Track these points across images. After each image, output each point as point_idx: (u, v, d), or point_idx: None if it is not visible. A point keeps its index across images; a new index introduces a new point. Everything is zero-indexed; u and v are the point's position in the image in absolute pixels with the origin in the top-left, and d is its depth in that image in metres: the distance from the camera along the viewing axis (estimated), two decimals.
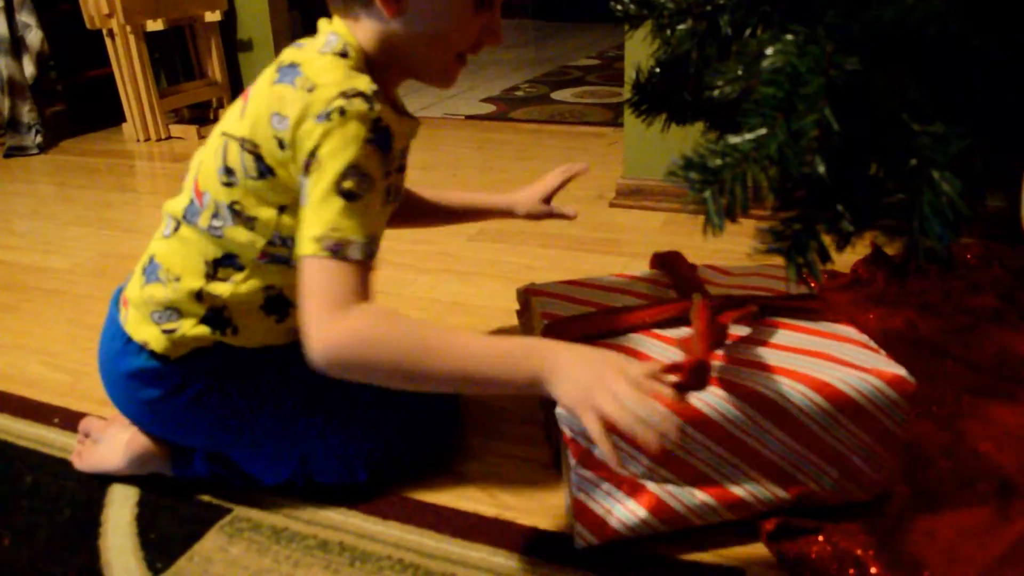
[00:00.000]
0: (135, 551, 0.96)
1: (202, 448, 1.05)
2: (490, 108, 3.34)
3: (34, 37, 2.94)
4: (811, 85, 0.69)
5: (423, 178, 1.54)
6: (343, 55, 0.87)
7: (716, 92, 0.85)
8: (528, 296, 1.15)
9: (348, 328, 0.78)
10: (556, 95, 3.52)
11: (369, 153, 0.82)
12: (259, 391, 1.02)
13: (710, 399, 0.89)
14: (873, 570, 0.85)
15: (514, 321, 1.29)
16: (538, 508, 1.01)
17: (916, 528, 0.90)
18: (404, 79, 0.97)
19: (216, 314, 0.96)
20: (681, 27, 1.08)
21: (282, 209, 0.90)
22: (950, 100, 0.70)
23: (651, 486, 0.91)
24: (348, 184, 0.81)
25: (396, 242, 1.79)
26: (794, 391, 0.89)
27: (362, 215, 0.81)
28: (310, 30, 0.94)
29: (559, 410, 0.89)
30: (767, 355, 0.95)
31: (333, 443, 1.03)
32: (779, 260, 0.85)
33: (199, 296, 0.95)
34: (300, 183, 0.85)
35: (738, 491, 0.92)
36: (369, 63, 0.89)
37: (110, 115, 3.16)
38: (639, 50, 2.13)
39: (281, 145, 0.85)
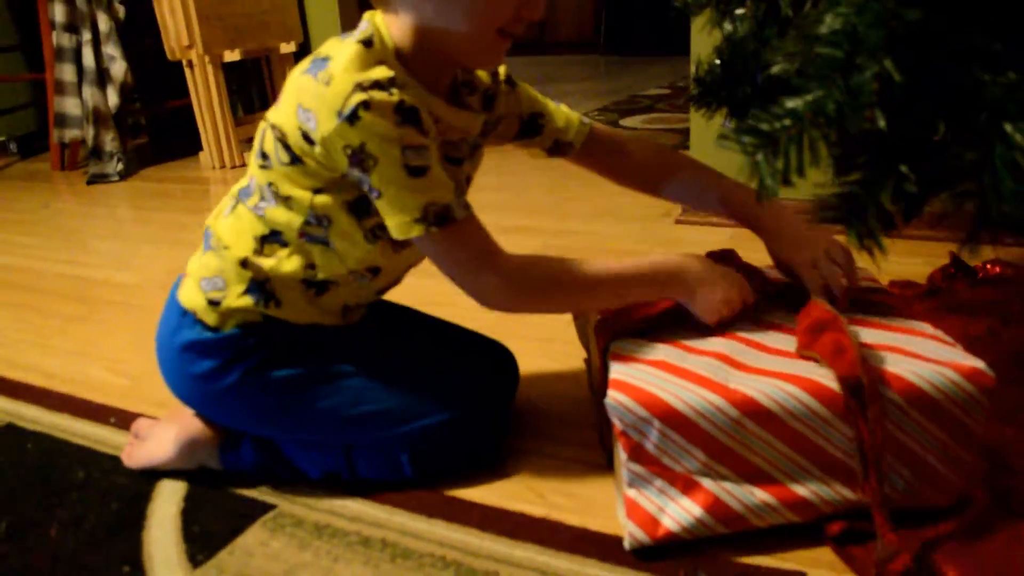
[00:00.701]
0: (177, 543, 0.95)
1: (249, 432, 1.04)
2: None
3: (118, 68, 3.05)
4: (871, 39, 0.65)
5: (488, 199, 1.56)
6: (368, 43, 0.87)
7: (775, 69, 0.82)
8: None
9: (505, 280, 0.89)
10: (625, 122, 3.49)
11: (407, 131, 0.84)
12: (308, 373, 1.00)
13: (771, 391, 0.83)
14: None
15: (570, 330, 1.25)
16: (588, 508, 0.96)
17: (997, 536, 0.83)
18: (452, 67, 0.97)
19: (259, 285, 0.97)
20: (740, 11, 1.04)
21: (316, 191, 0.91)
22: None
23: (707, 483, 0.86)
24: (412, 162, 0.84)
25: None
26: None
27: (437, 180, 0.87)
28: None
29: (608, 400, 0.85)
30: None
31: (379, 434, 1.01)
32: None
33: (244, 263, 0.96)
34: (354, 177, 0.87)
35: (801, 490, 0.86)
36: (410, 57, 0.90)
37: (189, 145, 3.25)
38: (699, 42, 2.11)
39: (306, 138, 0.87)
